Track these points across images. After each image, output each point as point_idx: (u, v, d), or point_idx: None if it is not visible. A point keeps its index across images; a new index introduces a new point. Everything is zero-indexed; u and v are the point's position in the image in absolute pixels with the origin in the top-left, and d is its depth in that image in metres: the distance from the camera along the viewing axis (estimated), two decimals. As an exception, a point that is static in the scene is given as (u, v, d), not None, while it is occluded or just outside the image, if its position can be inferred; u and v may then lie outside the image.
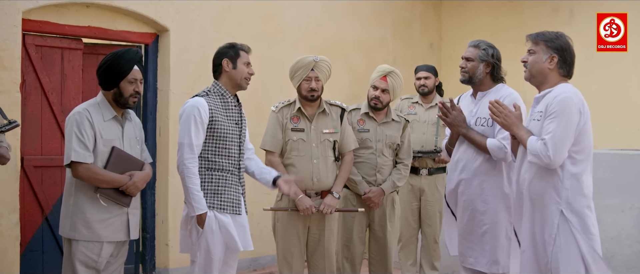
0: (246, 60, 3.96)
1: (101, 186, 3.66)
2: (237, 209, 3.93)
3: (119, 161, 3.72)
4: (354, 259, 4.80)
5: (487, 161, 4.03)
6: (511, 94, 4.04)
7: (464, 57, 4.14)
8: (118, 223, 3.75)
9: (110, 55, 3.74)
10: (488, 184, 4.03)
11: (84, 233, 3.65)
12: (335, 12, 7.43)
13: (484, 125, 4.06)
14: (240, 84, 3.97)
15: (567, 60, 3.53)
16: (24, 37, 5.34)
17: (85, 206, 3.66)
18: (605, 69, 7.14)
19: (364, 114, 4.87)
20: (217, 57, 3.96)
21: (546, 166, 3.41)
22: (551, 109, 3.42)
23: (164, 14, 6.02)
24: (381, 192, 4.74)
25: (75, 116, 3.67)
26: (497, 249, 4.00)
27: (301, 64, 4.43)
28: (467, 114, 4.15)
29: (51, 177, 5.54)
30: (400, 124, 4.91)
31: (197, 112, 3.79)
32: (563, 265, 3.40)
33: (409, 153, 4.95)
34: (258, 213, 5.66)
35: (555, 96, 3.45)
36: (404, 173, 4.87)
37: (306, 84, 4.42)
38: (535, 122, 3.54)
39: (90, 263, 3.68)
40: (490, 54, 4.09)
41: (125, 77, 3.73)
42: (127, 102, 3.78)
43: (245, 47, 4.00)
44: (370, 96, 4.81)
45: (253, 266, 6.65)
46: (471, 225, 4.08)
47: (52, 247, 5.56)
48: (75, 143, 3.61)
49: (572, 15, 7.46)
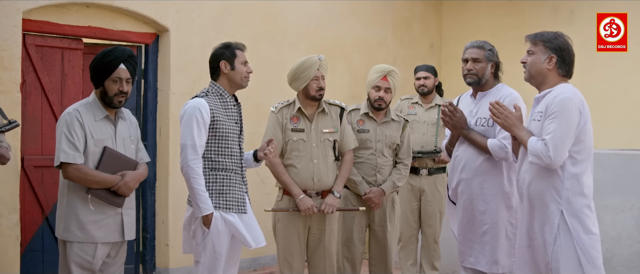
0: (243, 59, 3.95)
1: (92, 186, 3.63)
2: (243, 207, 3.93)
3: (111, 161, 3.69)
4: (354, 259, 4.80)
5: (488, 161, 4.03)
6: (511, 94, 4.04)
7: (469, 58, 4.10)
8: (112, 224, 3.72)
9: (100, 53, 3.71)
10: (488, 183, 4.03)
11: (78, 235, 3.63)
12: (336, 12, 7.44)
13: (484, 125, 4.06)
14: (241, 84, 3.97)
15: (565, 60, 3.54)
16: (25, 37, 5.34)
17: (77, 207, 3.64)
18: (606, 69, 7.14)
19: (364, 115, 4.87)
20: (214, 59, 3.94)
21: (547, 166, 3.41)
22: (551, 109, 3.42)
23: (164, 14, 6.03)
24: (381, 193, 4.74)
25: (65, 117, 3.65)
26: (497, 249, 4.00)
27: (308, 64, 4.40)
28: (467, 114, 4.15)
29: (51, 178, 5.53)
30: (400, 124, 4.92)
31: (198, 113, 3.78)
32: (563, 265, 3.40)
33: (408, 153, 4.95)
34: (258, 213, 5.65)
35: (555, 96, 3.45)
36: (404, 173, 4.87)
37: (315, 84, 4.40)
38: (536, 123, 3.54)
39: (85, 264, 3.66)
40: (495, 54, 4.12)
41: (110, 76, 3.68)
42: (112, 102, 3.71)
43: (241, 46, 3.99)
44: (373, 97, 4.80)
45: (253, 266, 6.65)
46: (471, 225, 4.08)
47: (52, 247, 5.56)
48: (65, 144, 3.58)
49: (573, 15, 7.46)
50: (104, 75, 3.68)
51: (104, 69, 3.68)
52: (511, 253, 3.99)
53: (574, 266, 3.40)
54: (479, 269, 4.08)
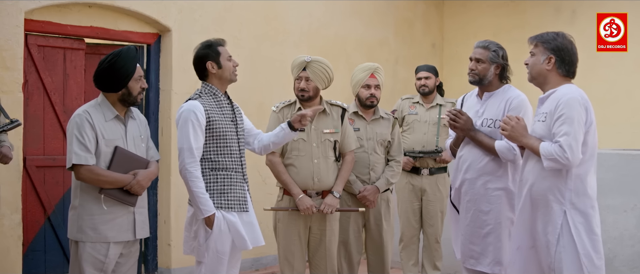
0: (227, 54, 3.94)
1: (105, 186, 3.64)
2: (244, 206, 3.92)
3: (122, 160, 3.71)
4: (351, 259, 4.81)
5: (492, 161, 4.02)
6: (519, 96, 4.03)
7: (473, 57, 4.10)
8: (124, 223, 3.73)
9: (110, 58, 3.69)
10: (492, 184, 4.02)
11: (91, 235, 3.64)
12: (338, 12, 7.44)
13: (490, 126, 4.05)
14: (231, 79, 3.96)
15: (565, 60, 3.53)
16: (27, 37, 5.35)
17: (90, 207, 3.65)
18: (608, 69, 7.14)
19: (353, 113, 4.90)
20: (199, 61, 3.93)
21: (564, 168, 3.39)
22: (559, 111, 3.41)
23: (166, 14, 6.03)
24: (376, 190, 4.75)
25: (76, 119, 3.65)
26: (500, 249, 3.99)
27: (294, 63, 4.48)
28: (473, 115, 4.13)
29: (53, 178, 5.54)
30: (389, 121, 4.94)
31: (193, 115, 3.77)
32: (567, 265, 3.40)
33: (399, 150, 4.97)
34: (259, 212, 5.65)
35: (560, 97, 3.45)
36: (396, 170, 4.89)
37: (297, 84, 4.45)
38: (540, 123, 3.54)
39: (98, 264, 3.66)
40: (500, 55, 4.07)
41: (133, 76, 3.73)
42: (136, 100, 3.79)
43: (222, 42, 3.98)
44: (365, 95, 4.83)
45: (255, 266, 6.65)
46: (474, 225, 4.08)
47: (54, 247, 5.57)
48: (76, 146, 3.59)
49: (574, 15, 7.46)
50: (127, 77, 3.71)
51: (127, 72, 3.70)
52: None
53: (577, 267, 3.39)
54: (481, 270, 4.07)
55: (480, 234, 4.04)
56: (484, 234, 4.03)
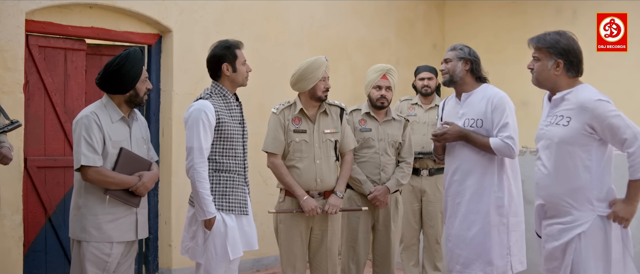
0: (243, 59, 3.96)
1: (111, 187, 3.67)
2: (245, 209, 3.93)
3: (127, 162, 3.73)
4: (359, 260, 4.81)
5: (479, 163, 4.00)
6: (498, 94, 4.03)
7: (443, 60, 4.16)
8: (127, 223, 3.76)
9: (118, 61, 3.69)
10: (480, 185, 3.99)
11: (94, 234, 3.66)
12: (339, 12, 7.44)
13: (472, 126, 4.04)
14: (242, 84, 4.00)
15: (573, 62, 3.47)
16: (27, 38, 5.36)
17: (94, 207, 3.67)
18: (608, 69, 7.13)
19: (365, 114, 4.90)
20: (215, 61, 3.93)
21: None
22: (599, 113, 3.36)
23: (167, 14, 6.04)
24: (386, 191, 4.76)
25: (83, 120, 3.66)
26: (490, 249, 3.95)
27: (317, 65, 4.41)
28: (453, 116, 4.14)
29: (54, 178, 5.55)
30: (401, 123, 4.96)
31: (204, 115, 3.78)
32: (589, 266, 3.39)
33: (410, 152, 4.98)
34: (261, 213, 5.67)
35: (586, 100, 3.39)
36: (407, 171, 4.90)
37: (322, 84, 4.43)
38: (559, 127, 3.46)
39: (101, 264, 3.69)
40: (466, 52, 4.10)
41: (140, 78, 3.76)
42: (142, 101, 3.83)
43: (240, 45, 3.99)
44: (375, 96, 4.84)
45: (256, 266, 6.66)
46: (462, 227, 4.04)
47: (55, 248, 5.58)
48: (84, 147, 3.61)
49: (575, 15, 7.45)
50: (135, 79, 3.74)
51: (135, 74, 3.73)
52: (505, 254, 3.96)
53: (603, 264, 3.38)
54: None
55: (468, 237, 4.01)
56: (472, 236, 3.99)
